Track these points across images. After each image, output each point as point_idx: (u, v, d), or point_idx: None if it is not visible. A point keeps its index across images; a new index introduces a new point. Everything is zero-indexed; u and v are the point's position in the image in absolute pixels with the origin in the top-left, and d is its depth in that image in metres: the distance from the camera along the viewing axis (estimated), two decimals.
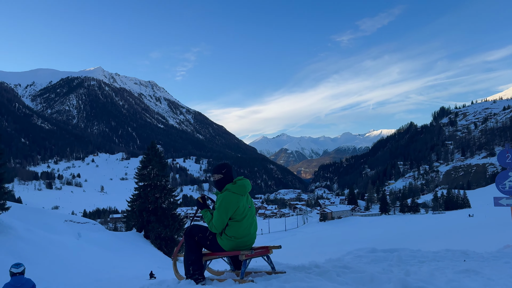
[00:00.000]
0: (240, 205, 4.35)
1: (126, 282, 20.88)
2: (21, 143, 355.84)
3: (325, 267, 5.01)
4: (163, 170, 42.91)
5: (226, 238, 4.39)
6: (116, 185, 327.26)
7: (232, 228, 4.35)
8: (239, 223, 4.35)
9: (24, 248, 22.12)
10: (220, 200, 4.35)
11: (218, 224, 4.32)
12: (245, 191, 4.44)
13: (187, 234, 4.63)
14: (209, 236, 4.52)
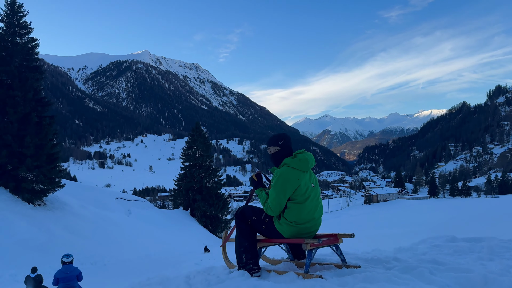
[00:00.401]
0: (302, 183, 3.61)
1: (179, 257, 21.60)
2: (75, 125, 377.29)
3: (409, 262, 4.08)
4: (207, 150, 43.75)
5: (286, 223, 3.67)
6: (164, 164, 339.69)
7: (292, 211, 3.63)
8: (301, 206, 3.62)
9: (79, 223, 23.43)
10: (277, 177, 3.63)
11: (275, 205, 3.63)
12: (307, 166, 3.68)
13: (239, 216, 3.99)
14: (265, 219, 3.82)
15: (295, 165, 3.64)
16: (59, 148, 25.54)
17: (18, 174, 22.42)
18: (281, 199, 3.62)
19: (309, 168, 3.71)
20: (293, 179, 3.59)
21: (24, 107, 22.15)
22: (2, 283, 12.60)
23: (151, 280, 4.31)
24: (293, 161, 3.67)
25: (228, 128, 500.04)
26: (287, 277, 3.54)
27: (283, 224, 3.70)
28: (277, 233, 3.77)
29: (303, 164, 3.66)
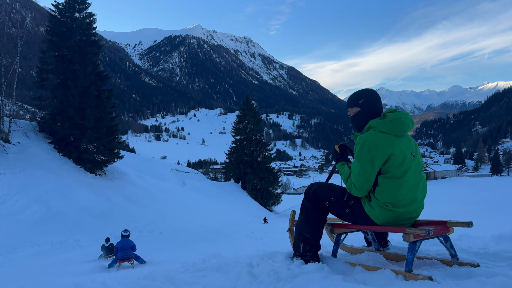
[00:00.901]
0: (396, 151, 2.69)
1: (231, 228, 21.99)
2: (132, 99, 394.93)
3: None
4: (258, 124, 43.74)
5: (379, 206, 2.77)
6: (215, 138, 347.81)
7: (386, 189, 2.72)
8: (398, 181, 2.70)
9: (136, 193, 24.52)
10: (361, 144, 2.78)
11: (360, 181, 2.76)
12: (402, 129, 2.76)
13: (310, 197, 3.12)
14: (349, 201, 2.93)
15: (384, 127, 2.75)
16: (117, 121, 26.59)
17: (80, 145, 23.71)
18: (368, 173, 2.72)
19: (404, 132, 2.79)
20: (383, 146, 2.68)
21: (84, 81, 23.10)
22: (67, 247, 13.46)
23: (207, 264, 3.53)
24: (381, 123, 2.78)
25: (278, 102, 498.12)
26: (381, 276, 2.63)
27: (375, 207, 2.78)
28: (367, 218, 2.85)
29: (396, 125, 2.76)
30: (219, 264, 3.45)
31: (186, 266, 3.58)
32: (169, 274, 3.37)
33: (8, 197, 15.87)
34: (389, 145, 2.68)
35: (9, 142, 20.99)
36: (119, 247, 8.26)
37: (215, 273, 3.24)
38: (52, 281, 5.36)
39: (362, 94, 3.00)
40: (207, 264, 3.52)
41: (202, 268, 3.45)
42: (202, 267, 3.50)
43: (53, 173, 20.79)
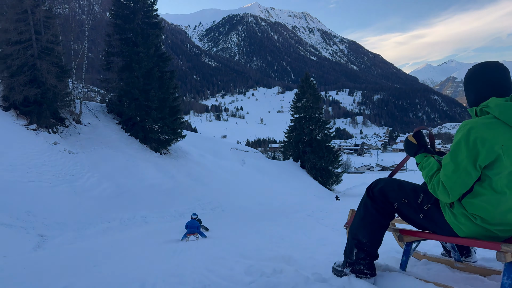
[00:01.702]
0: (508, 156, 1.90)
1: (291, 207, 21.90)
2: (193, 80, 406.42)
3: None
4: (317, 102, 42.68)
5: (464, 215, 2.12)
6: (273, 117, 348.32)
7: (479, 201, 2.05)
8: (499, 197, 1.99)
9: (199, 171, 25.15)
10: (463, 133, 1.99)
11: (452, 181, 2.03)
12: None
13: (377, 195, 2.52)
14: (425, 205, 2.31)
15: (504, 113, 1.89)
16: (179, 101, 27.26)
17: (145, 126, 24.66)
18: (467, 172, 1.99)
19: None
20: (492, 142, 1.89)
21: (148, 63, 23.78)
22: (134, 224, 14.10)
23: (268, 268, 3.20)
24: (504, 106, 1.90)
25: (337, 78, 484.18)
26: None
27: (459, 216, 2.13)
28: (447, 227, 2.21)
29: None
30: (289, 278, 2.79)
31: (249, 270, 3.19)
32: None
33: (80, 175, 16.93)
34: (502, 145, 1.88)
35: (81, 123, 22.36)
36: (188, 225, 10.49)
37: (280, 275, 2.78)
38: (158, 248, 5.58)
39: (479, 66, 2.12)
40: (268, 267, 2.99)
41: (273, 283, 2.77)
42: (273, 281, 2.79)
43: (121, 152, 21.88)
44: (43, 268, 5.92)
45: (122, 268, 5.40)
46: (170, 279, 3.60)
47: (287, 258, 3.88)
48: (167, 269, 4.61)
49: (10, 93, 18.02)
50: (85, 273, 4.92)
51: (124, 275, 4.37)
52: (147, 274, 4.08)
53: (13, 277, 5.12)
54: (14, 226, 10.40)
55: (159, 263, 5.95)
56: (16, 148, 15.90)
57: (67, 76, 21.32)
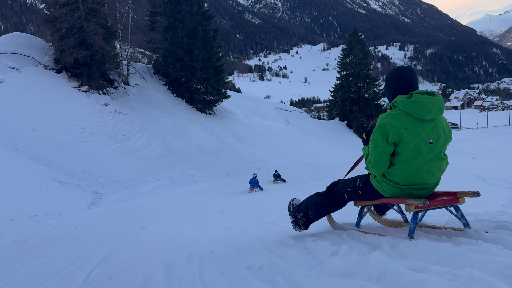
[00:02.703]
0: (410, 135, 2.61)
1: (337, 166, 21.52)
2: (236, 39, 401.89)
3: None
4: (365, 58, 40.63)
5: (385, 181, 2.81)
6: (318, 75, 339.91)
7: (394, 168, 2.72)
8: (406, 165, 2.68)
9: (243, 131, 25.18)
10: (378, 123, 2.74)
11: (374, 157, 2.72)
12: (422, 114, 2.62)
13: (335, 194, 3.23)
14: (360, 183, 3.02)
15: (404, 106, 2.64)
16: (223, 61, 26.99)
17: (191, 86, 24.78)
18: (380, 150, 2.69)
19: (425, 116, 2.63)
20: (397, 125, 2.62)
21: (191, 21, 23.48)
22: (183, 182, 14.46)
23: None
24: (404, 102, 2.66)
25: (388, 32, 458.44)
26: (386, 243, 2.66)
27: (381, 182, 2.85)
28: (376, 192, 2.93)
29: (416, 108, 2.61)
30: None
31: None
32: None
33: (131, 135, 17.47)
34: (405, 127, 2.63)
35: (129, 84, 22.85)
36: (251, 181, 13.23)
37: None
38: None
39: (388, 73, 2.97)
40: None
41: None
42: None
43: (169, 112, 22.28)
44: (94, 228, 6.13)
45: (169, 230, 5.45)
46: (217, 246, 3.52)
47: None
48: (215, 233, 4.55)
49: (61, 55, 18.59)
50: (133, 237, 4.97)
51: (171, 241, 4.36)
52: (193, 242, 4.05)
53: (63, 237, 5.32)
54: (71, 183, 10.96)
55: (207, 225, 5.95)
56: (69, 109, 16.58)
57: (113, 38, 21.60)
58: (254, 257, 3.01)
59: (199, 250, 3.55)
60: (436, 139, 2.68)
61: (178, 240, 4.40)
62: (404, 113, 2.62)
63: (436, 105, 2.63)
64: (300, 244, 3.14)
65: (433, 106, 2.62)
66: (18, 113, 14.21)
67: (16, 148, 11.90)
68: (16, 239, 5.15)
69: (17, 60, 18.08)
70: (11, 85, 15.90)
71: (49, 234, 5.57)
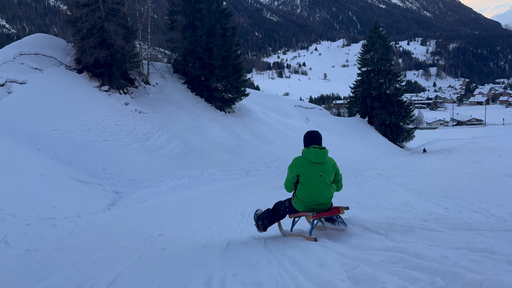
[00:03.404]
0: (305, 171, 4.23)
1: (359, 164, 21.13)
2: (255, 37, 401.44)
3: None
4: (387, 53, 39.74)
5: (297, 201, 4.42)
6: (338, 72, 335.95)
7: (299, 191, 4.35)
8: (305, 188, 4.27)
9: (262, 129, 24.96)
10: (291, 163, 4.43)
11: (285, 183, 4.53)
12: (313, 159, 4.23)
13: (278, 211, 4.74)
14: (287, 203, 4.60)
15: (304, 154, 4.30)
16: (242, 59, 26.84)
17: (210, 85, 24.73)
18: (288, 179, 4.43)
19: (315, 160, 4.19)
20: (299, 165, 4.25)
21: (210, 20, 23.39)
22: (203, 181, 14.37)
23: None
24: (304, 151, 4.34)
25: (409, 27, 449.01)
26: (295, 240, 4.32)
27: (296, 202, 4.43)
28: (294, 209, 4.48)
29: (309, 155, 4.21)
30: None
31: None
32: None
33: (151, 134, 17.52)
34: (302, 166, 4.22)
35: (149, 83, 22.96)
36: None
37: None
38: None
39: (305, 135, 4.48)
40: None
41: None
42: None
43: (188, 111, 22.29)
44: (110, 234, 5.99)
45: (187, 238, 5.27)
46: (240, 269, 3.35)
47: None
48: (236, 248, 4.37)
49: (82, 55, 18.80)
50: (149, 248, 4.76)
51: (189, 256, 4.18)
52: (213, 259, 3.84)
53: (77, 245, 5.17)
54: (92, 183, 11.02)
55: (227, 231, 5.76)
56: (90, 109, 16.74)
57: (133, 37, 21.73)
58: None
59: (220, 272, 3.34)
60: (323, 173, 4.20)
61: (197, 255, 4.20)
62: (304, 158, 4.23)
63: (322, 154, 4.20)
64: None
65: (320, 155, 4.18)
66: (40, 113, 14.42)
67: (39, 148, 12.05)
68: (29, 247, 4.99)
69: (40, 61, 18.38)
70: (34, 85, 16.16)
71: (63, 241, 5.41)
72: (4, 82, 15.30)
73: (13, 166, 8.50)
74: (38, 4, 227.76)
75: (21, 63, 17.44)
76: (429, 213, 5.51)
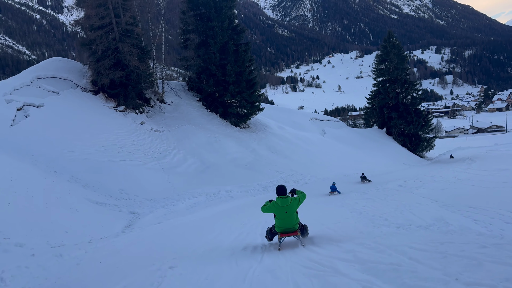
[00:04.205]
0: (277, 210, 6.68)
1: (379, 176, 20.53)
2: (268, 52, 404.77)
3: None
4: (402, 63, 39.25)
5: (276, 227, 6.78)
6: (352, 83, 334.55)
7: (276, 221, 6.78)
8: (276, 219, 6.75)
9: (279, 143, 24.65)
10: (271, 203, 6.87)
11: (262, 209, 6.92)
12: (280, 203, 6.63)
13: (268, 233, 7.11)
14: (272, 228, 7.01)
15: (276, 201, 6.72)
16: (256, 74, 26.82)
17: (224, 101, 24.69)
18: (265, 210, 6.87)
19: (283, 205, 6.59)
20: (273, 209, 6.71)
21: (222, 37, 23.49)
22: (220, 199, 14.10)
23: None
24: (277, 198, 6.70)
25: (422, 36, 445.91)
26: (273, 248, 6.64)
27: (275, 227, 6.84)
28: (275, 231, 6.87)
29: (278, 203, 6.61)
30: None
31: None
32: None
33: (167, 152, 17.42)
34: (275, 207, 6.70)
35: (164, 102, 23.04)
36: (331, 187, 15.94)
37: None
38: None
39: (277, 188, 6.91)
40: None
41: None
42: None
43: (203, 128, 22.21)
44: (118, 264, 5.67)
45: (201, 273, 4.93)
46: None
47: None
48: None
49: (97, 77, 19.00)
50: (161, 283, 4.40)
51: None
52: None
53: (79, 281, 4.85)
54: (108, 204, 10.87)
55: (247, 260, 5.35)
56: (107, 129, 16.79)
57: (148, 57, 21.92)
58: None
59: None
60: (288, 211, 6.44)
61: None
62: (276, 203, 6.52)
63: (285, 201, 6.44)
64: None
65: (284, 202, 6.45)
66: (57, 136, 14.49)
67: (55, 170, 12.03)
68: (26, 285, 4.57)
69: (56, 84, 18.66)
70: (51, 108, 16.33)
71: (65, 276, 5.02)
72: (21, 106, 15.51)
73: (28, 190, 8.40)
74: (57, 30, 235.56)
75: (38, 86, 17.72)
76: (478, 234, 4.96)
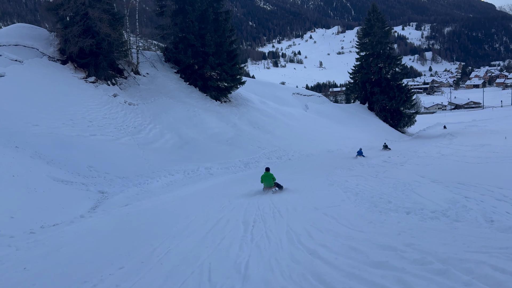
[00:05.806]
0: (263, 178, 10.99)
1: (365, 151, 20.12)
2: (249, 26, 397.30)
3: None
4: (386, 36, 38.47)
5: (263, 184, 10.94)
6: (333, 59, 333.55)
7: (262, 181, 10.96)
8: (263, 182, 10.98)
9: (261, 118, 23.77)
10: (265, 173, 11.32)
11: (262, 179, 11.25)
12: (265, 176, 11.10)
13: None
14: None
15: (264, 174, 11.16)
16: (237, 45, 25.58)
17: (204, 73, 23.49)
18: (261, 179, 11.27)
19: (265, 175, 11.11)
20: (262, 177, 11.06)
21: (201, 3, 22.08)
22: (199, 176, 13.28)
23: None
24: (264, 173, 11.24)
25: (403, 12, 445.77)
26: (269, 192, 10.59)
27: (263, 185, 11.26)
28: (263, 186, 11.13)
29: (264, 175, 11.01)
30: None
31: None
32: None
33: (142, 127, 16.36)
34: (263, 177, 11.32)
35: (139, 74, 21.70)
36: (358, 151, 18.37)
37: None
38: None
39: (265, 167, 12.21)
40: None
41: None
42: None
43: (181, 101, 21.08)
44: (44, 272, 4.61)
45: (163, 281, 4.07)
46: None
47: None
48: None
49: (65, 45, 17.53)
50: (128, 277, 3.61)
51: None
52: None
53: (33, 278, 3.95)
54: (75, 182, 9.89)
55: (221, 266, 4.55)
56: (75, 102, 15.54)
57: (120, 24, 20.42)
58: None
59: None
60: (268, 179, 11.13)
61: None
62: (264, 175, 11.28)
63: (267, 174, 11.17)
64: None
65: (267, 175, 11.18)
66: (19, 108, 13.23)
67: (17, 145, 10.90)
68: None
69: (20, 52, 17.11)
70: (13, 78, 14.93)
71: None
72: None
73: None
74: (28, 0, 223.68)
75: (0, 54, 16.17)
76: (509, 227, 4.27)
